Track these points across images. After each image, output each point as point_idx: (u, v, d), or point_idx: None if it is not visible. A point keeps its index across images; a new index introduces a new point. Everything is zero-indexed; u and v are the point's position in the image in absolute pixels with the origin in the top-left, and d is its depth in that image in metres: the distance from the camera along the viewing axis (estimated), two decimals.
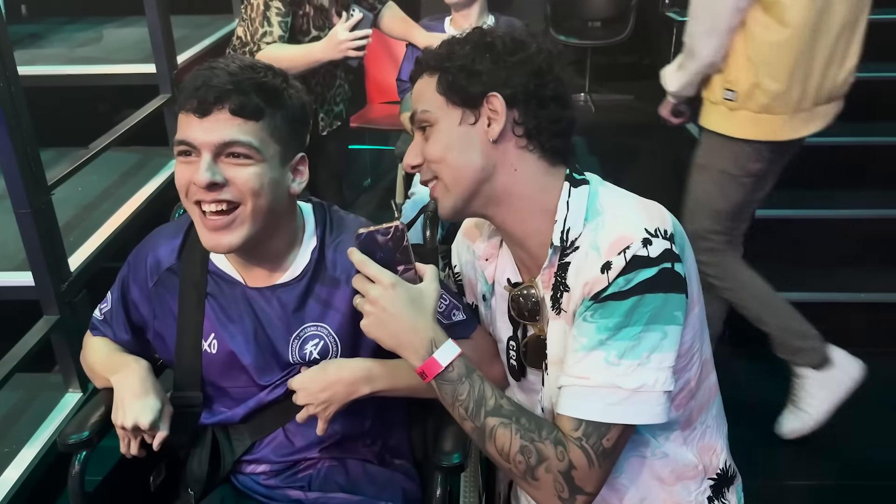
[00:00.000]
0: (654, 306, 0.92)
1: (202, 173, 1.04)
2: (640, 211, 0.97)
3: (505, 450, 0.95)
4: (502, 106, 0.99)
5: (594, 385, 0.93)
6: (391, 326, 0.96)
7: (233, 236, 1.08)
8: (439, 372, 0.96)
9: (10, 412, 1.95)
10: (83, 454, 1.20)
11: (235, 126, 1.05)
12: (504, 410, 0.96)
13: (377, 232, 0.97)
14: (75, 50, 2.98)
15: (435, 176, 1.04)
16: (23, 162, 1.76)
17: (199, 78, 1.07)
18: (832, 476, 2.13)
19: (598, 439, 0.93)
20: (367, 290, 0.97)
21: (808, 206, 2.81)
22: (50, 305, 1.90)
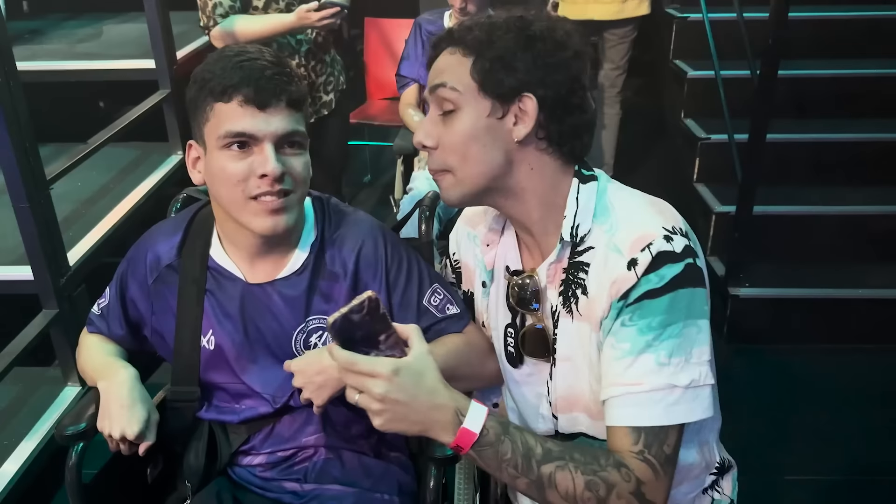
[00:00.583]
0: (687, 301, 0.92)
1: (273, 164, 1.06)
2: (652, 210, 0.98)
3: (570, 492, 0.90)
4: (534, 108, 0.96)
5: (650, 389, 0.91)
6: (411, 416, 0.87)
7: (288, 217, 1.11)
8: (476, 440, 0.88)
9: (9, 406, 1.96)
10: (80, 445, 1.20)
11: (293, 116, 1.09)
12: (555, 453, 0.91)
13: (351, 312, 0.85)
14: (75, 46, 2.99)
15: (446, 169, 1.01)
16: (21, 157, 1.77)
17: (249, 71, 1.06)
18: (833, 472, 2.13)
19: (660, 447, 0.92)
20: (370, 388, 0.85)
21: (808, 202, 2.81)
22: (49, 299, 1.91)
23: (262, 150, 1.07)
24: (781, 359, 2.60)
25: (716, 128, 2.98)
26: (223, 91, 1.07)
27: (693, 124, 3.19)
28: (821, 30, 3.28)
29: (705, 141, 3.04)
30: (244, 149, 1.07)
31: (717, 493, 1.14)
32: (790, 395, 2.44)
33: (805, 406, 2.39)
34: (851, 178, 2.91)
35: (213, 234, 1.22)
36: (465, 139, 0.98)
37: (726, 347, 2.68)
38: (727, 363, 2.64)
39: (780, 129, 2.94)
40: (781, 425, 2.31)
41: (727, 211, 2.74)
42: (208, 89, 1.08)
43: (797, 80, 3.09)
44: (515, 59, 0.95)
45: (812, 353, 2.60)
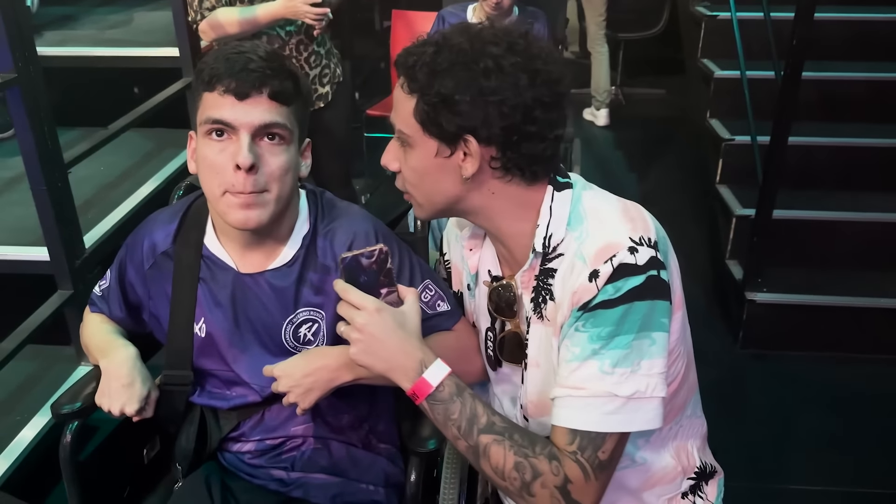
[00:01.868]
0: (643, 314, 0.92)
1: (245, 153, 1.07)
2: (624, 219, 0.97)
3: (500, 467, 0.94)
4: (476, 149, 0.96)
5: (589, 395, 0.93)
6: (380, 352, 0.95)
7: (262, 213, 1.11)
8: (430, 392, 0.95)
9: (24, 382, 2.01)
10: (75, 424, 1.24)
11: (274, 108, 1.09)
12: (497, 427, 0.95)
13: (361, 255, 0.96)
14: (105, 32, 3.05)
15: (407, 191, 1.05)
16: (40, 140, 1.81)
17: (233, 62, 1.08)
18: (843, 483, 2.09)
19: (594, 452, 0.92)
20: (353, 318, 0.95)
21: (833, 207, 2.74)
22: (64, 280, 1.95)
23: (238, 139, 1.08)
24: (796, 366, 2.55)
25: (740, 129, 2.93)
26: (209, 80, 1.09)
27: (718, 125, 3.14)
28: (853, 31, 3.21)
29: (729, 142, 2.99)
30: (221, 137, 1.09)
31: (699, 499, 1.14)
32: (803, 404, 2.40)
33: (817, 415, 2.34)
34: (880, 185, 2.84)
35: (207, 224, 1.24)
36: (418, 174, 1.01)
37: (741, 353, 2.64)
38: (741, 368, 2.60)
39: (808, 132, 2.88)
40: (792, 433, 2.28)
41: (748, 214, 2.69)
42: (200, 79, 1.11)
43: (827, 81, 3.02)
44: (456, 102, 0.93)
45: (828, 363, 2.55)
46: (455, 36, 0.96)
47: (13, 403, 1.95)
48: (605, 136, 4.62)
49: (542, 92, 0.94)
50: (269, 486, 1.26)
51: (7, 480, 1.70)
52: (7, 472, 1.72)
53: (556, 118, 0.97)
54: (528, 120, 0.94)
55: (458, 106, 0.93)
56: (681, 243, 3.75)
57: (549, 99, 0.95)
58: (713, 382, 2.50)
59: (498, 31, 0.97)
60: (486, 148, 0.96)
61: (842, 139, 2.92)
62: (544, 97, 0.95)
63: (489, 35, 0.96)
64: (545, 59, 0.96)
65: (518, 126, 0.94)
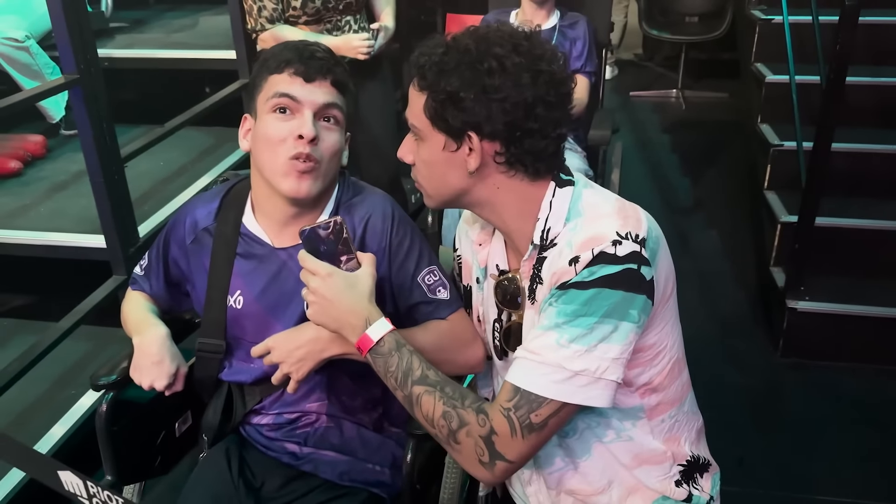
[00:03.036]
0: (612, 301, 0.96)
1: (309, 125, 1.21)
2: (617, 216, 1.01)
3: (429, 415, 1.02)
4: (479, 144, 1.02)
5: (542, 361, 0.98)
6: (331, 311, 1.07)
7: (313, 184, 1.24)
8: (371, 346, 1.05)
9: (80, 359, 2.18)
10: (111, 395, 1.35)
11: (334, 94, 1.25)
12: (430, 380, 1.03)
13: (318, 227, 1.08)
14: (170, 35, 3.23)
15: (419, 181, 1.13)
16: (98, 135, 1.96)
17: (302, 51, 1.24)
18: (872, 496, 2.05)
19: (528, 412, 0.98)
20: (308, 282, 1.08)
21: (882, 216, 2.67)
22: (119, 266, 2.10)
23: (303, 114, 1.21)
24: (837, 377, 2.50)
25: (789, 134, 2.87)
26: (278, 65, 1.23)
27: (768, 129, 3.09)
28: None
29: (777, 147, 2.94)
30: (284, 113, 1.22)
31: (696, 490, 1.17)
32: (840, 415, 2.35)
33: (855, 428, 2.30)
34: None
35: (246, 204, 1.35)
36: (428, 166, 1.09)
37: (781, 361, 2.60)
38: (779, 377, 2.57)
39: (862, 138, 2.82)
40: (827, 445, 2.24)
41: (792, 221, 2.65)
42: (266, 66, 1.25)
43: (882, 87, 2.94)
44: (461, 99, 1.00)
45: (869, 374, 2.49)
46: (463, 38, 1.03)
47: (69, 379, 2.11)
48: (661, 140, 4.59)
49: (544, 91, 1.00)
50: (281, 459, 1.35)
51: (62, 446, 1.85)
52: (62, 439, 1.88)
53: (559, 117, 1.03)
54: (529, 117, 1.00)
55: (463, 103, 1.00)
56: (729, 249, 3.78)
57: (551, 98, 1.01)
58: (751, 390, 2.49)
59: (504, 34, 1.02)
60: (489, 143, 1.02)
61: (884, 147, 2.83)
62: (546, 96, 1.00)
63: (495, 37, 1.02)
64: (549, 59, 1.02)
65: (520, 123, 1.00)
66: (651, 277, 0.99)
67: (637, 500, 1.14)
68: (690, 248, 3.24)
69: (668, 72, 5.59)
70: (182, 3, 3.81)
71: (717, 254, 3.27)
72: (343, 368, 1.31)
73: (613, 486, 1.14)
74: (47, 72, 2.85)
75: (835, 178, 2.53)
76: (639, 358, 1.04)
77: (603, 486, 1.14)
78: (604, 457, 1.12)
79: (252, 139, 1.29)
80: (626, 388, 1.06)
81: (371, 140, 2.51)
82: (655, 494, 1.15)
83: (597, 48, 2.71)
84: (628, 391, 1.07)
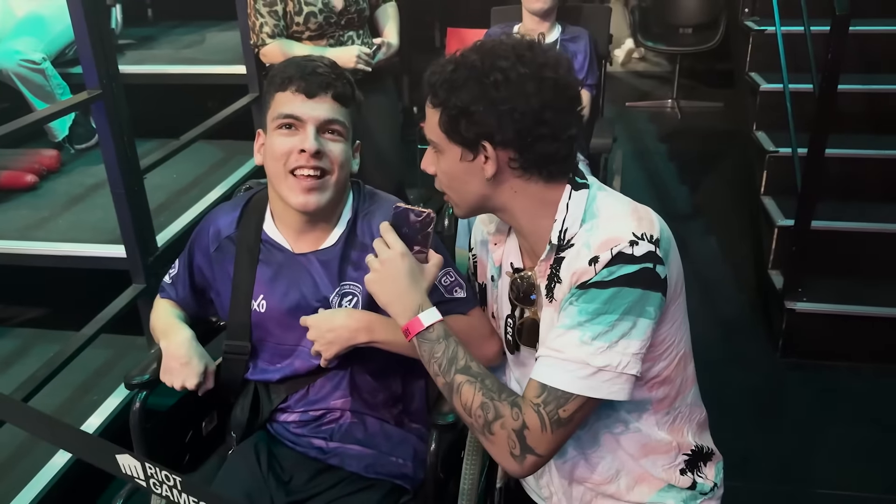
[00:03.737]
0: (631, 299, 1.03)
1: (311, 141, 1.27)
2: (631, 217, 1.07)
3: (468, 404, 1.07)
4: (493, 152, 1.07)
5: (566, 358, 1.04)
6: (388, 286, 1.13)
7: (321, 197, 1.30)
8: (420, 331, 1.10)
9: (100, 367, 2.24)
10: (144, 394, 1.41)
11: (336, 108, 1.31)
12: (472, 371, 1.08)
13: (411, 211, 1.13)
14: (180, 51, 3.31)
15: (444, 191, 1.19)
16: (120, 148, 2.03)
17: (304, 67, 1.30)
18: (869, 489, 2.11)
19: (556, 408, 1.03)
20: (381, 251, 1.14)
21: (877, 219, 2.75)
22: (138, 275, 2.17)
23: (305, 130, 1.28)
24: (835, 376, 2.57)
25: (784, 141, 2.96)
26: (282, 82, 1.30)
27: (763, 136, 3.18)
28: None
29: (773, 154, 3.03)
30: (290, 129, 1.29)
31: (700, 478, 1.23)
32: (838, 413, 2.42)
33: (853, 425, 2.36)
34: None
35: (266, 212, 1.42)
36: (448, 178, 1.15)
37: (781, 361, 2.67)
38: (780, 376, 2.64)
39: (855, 144, 2.91)
40: (826, 441, 2.30)
41: (789, 225, 2.72)
42: (273, 83, 1.32)
43: (874, 94, 3.03)
44: (471, 112, 1.06)
45: (867, 373, 2.56)
46: (471, 53, 1.10)
47: (91, 385, 2.17)
48: (658, 149, 4.67)
49: (551, 97, 1.06)
50: (309, 454, 1.40)
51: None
52: None
53: (569, 120, 1.09)
54: (539, 123, 1.06)
55: (474, 116, 1.06)
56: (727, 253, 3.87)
57: (559, 102, 1.07)
58: (753, 389, 2.56)
59: (508, 46, 1.09)
60: (503, 151, 1.08)
61: (888, 151, 2.92)
62: (553, 101, 1.06)
63: (500, 50, 1.08)
64: (553, 66, 1.08)
65: (530, 129, 1.06)
66: (665, 276, 1.06)
67: (644, 488, 1.20)
68: (690, 253, 3.31)
69: (663, 82, 5.69)
70: (187, 20, 3.89)
71: (717, 258, 3.35)
72: (365, 366, 1.39)
73: (621, 476, 1.20)
74: (58, 92, 2.91)
75: (829, 182, 2.62)
76: (650, 352, 1.10)
77: (611, 475, 1.20)
78: (612, 448, 1.19)
79: (264, 154, 1.36)
80: (638, 382, 1.11)
81: (376, 151, 2.58)
82: (661, 483, 1.21)
83: (597, 60, 2.80)
84: (639, 385, 1.12)
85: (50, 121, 2.26)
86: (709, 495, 1.23)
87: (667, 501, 1.21)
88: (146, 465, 0.86)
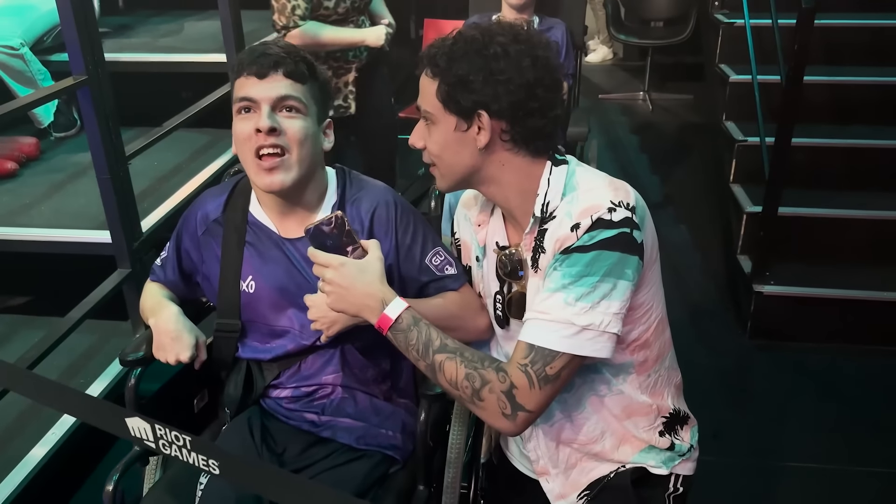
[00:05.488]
0: (611, 262, 1.09)
1: (264, 119, 1.28)
2: (609, 188, 1.15)
3: (453, 379, 1.12)
4: (488, 122, 1.14)
5: (551, 319, 1.10)
6: (348, 298, 1.16)
7: (285, 176, 1.31)
8: (391, 324, 1.14)
9: (85, 352, 2.25)
10: (139, 370, 1.45)
11: (289, 84, 1.31)
12: (449, 348, 1.13)
13: (322, 224, 1.15)
14: (158, 40, 3.31)
15: (432, 163, 1.24)
16: (105, 134, 2.05)
17: (255, 51, 1.32)
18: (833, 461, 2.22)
19: (543, 366, 1.10)
20: (323, 275, 1.16)
21: (840, 206, 2.87)
22: (123, 260, 2.19)
23: (260, 110, 1.31)
24: (800, 355, 2.68)
25: (753, 131, 3.06)
26: (238, 69, 1.33)
27: (733, 126, 3.28)
28: (867, 37, 3.32)
29: (742, 143, 3.13)
30: (248, 113, 1.32)
31: (677, 440, 1.30)
32: (805, 390, 2.53)
33: (817, 401, 2.48)
34: (889, 184, 2.95)
35: (252, 195, 1.45)
36: (440, 148, 1.20)
37: (749, 343, 2.77)
38: (748, 357, 2.74)
39: (820, 133, 3.02)
40: (792, 417, 2.41)
41: (757, 211, 2.82)
42: (233, 72, 1.35)
43: (839, 86, 3.14)
44: (470, 81, 1.12)
45: (830, 352, 2.68)
46: (469, 29, 1.17)
47: (76, 370, 2.19)
48: (630, 141, 4.77)
49: (543, 74, 1.14)
50: (301, 427, 1.45)
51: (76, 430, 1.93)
52: (73, 427, 1.96)
53: (555, 98, 1.17)
54: (531, 97, 1.13)
55: (472, 85, 1.12)
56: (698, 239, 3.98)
57: (548, 80, 1.15)
58: (722, 370, 2.66)
59: (504, 26, 1.17)
60: (496, 122, 1.15)
61: (852, 140, 3.04)
62: (544, 79, 1.14)
63: (497, 28, 1.16)
64: (544, 48, 1.16)
65: (523, 102, 1.12)
66: (641, 241, 1.13)
67: (627, 448, 1.28)
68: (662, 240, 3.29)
69: (635, 75, 5.79)
70: (162, 10, 3.88)
71: (688, 245, 3.45)
72: (355, 344, 1.43)
73: (606, 436, 1.27)
74: (39, 78, 2.90)
75: (795, 170, 2.73)
76: (630, 316, 1.17)
77: (596, 435, 1.27)
78: (597, 409, 1.26)
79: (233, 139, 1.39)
80: (619, 346, 1.18)
81: (381, 126, 2.73)
82: (643, 444, 1.28)
83: (573, 51, 2.87)
84: (620, 348, 1.20)
85: (35, 107, 2.26)
86: (686, 456, 1.31)
87: (648, 461, 1.28)
88: (156, 427, 0.91)
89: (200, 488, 1.32)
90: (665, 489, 1.30)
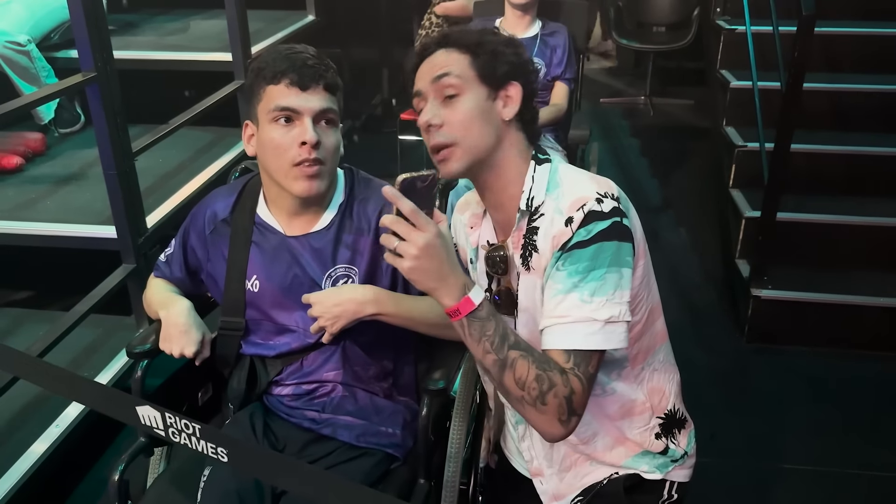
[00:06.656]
0: (612, 252, 1.11)
1: (311, 133, 1.32)
2: (591, 181, 1.18)
3: (522, 378, 1.07)
4: (518, 93, 1.20)
5: (573, 321, 1.10)
6: (433, 271, 1.04)
7: (321, 183, 1.36)
8: (472, 309, 1.06)
9: (90, 345, 2.28)
10: (145, 362, 1.47)
11: (328, 97, 1.35)
12: (522, 346, 1.09)
13: (417, 179, 1.05)
14: (164, 38, 3.33)
15: (450, 143, 1.17)
16: (113, 131, 2.07)
17: (293, 60, 1.33)
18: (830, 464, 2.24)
19: (586, 366, 1.09)
20: (415, 238, 1.02)
21: (839, 211, 2.89)
22: (128, 255, 2.21)
23: (303, 122, 1.33)
24: (797, 359, 2.70)
25: (752, 136, 3.08)
26: (273, 76, 1.34)
27: (733, 132, 3.30)
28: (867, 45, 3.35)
29: (741, 148, 3.15)
30: (288, 122, 1.34)
31: (672, 444, 1.31)
32: (801, 394, 2.55)
33: (813, 405, 2.50)
34: (886, 191, 2.98)
35: (260, 197, 1.47)
36: (469, 117, 1.18)
37: (746, 346, 2.79)
38: (745, 361, 2.76)
39: (819, 140, 3.04)
40: (789, 421, 2.43)
41: (755, 216, 2.85)
42: (262, 76, 1.35)
43: (838, 93, 3.17)
44: (504, 55, 1.20)
45: (827, 357, 2.70)
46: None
47: (80, 363, 2.22)
48: (631, 144, 4.80)
49: (532, 79, 1.23)
50: (302, 424, 1.47)
51: (80, 423, 1.95)
52: (79, 416, 1.98)
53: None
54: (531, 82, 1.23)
55: (505, 55, 1.20)
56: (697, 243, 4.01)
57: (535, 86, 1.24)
58: (720, 373, 2.68)
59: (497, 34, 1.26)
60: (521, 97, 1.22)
61: (851, 147, 3.06)
62: (533, 84, 1.23)
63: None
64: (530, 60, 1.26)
65: (533, 85, 1.23)
66: (631, 229, 1.15)
67: (621, 450, 1.29)
68: (661, 244, 3.43)
69: (637, 79, 5.82)
70: (167, 8, 3.91)
71: (686, 249, 3.47)
72: (357, 341, 1.45)
73: (598, 437, 1.28)
74: (43, 75, 2.92)
75: (794, 176, 2.75)
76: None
77: (589, 436, 1.28)
78: (591, 409, 1.25)
79: (257, 145, 1.40)
80: None
81: None
82: (637, 448, 1.29)
83: (575, 55, 2.89)
84: None
85: (41, 104, 2.28)
86: (679, 462, 1.31)
87: (641, 466, 1.29)
88: (166, 415, 0.93)
89: (203, 479, 1.34)
90: (659, 496, 1.30)
